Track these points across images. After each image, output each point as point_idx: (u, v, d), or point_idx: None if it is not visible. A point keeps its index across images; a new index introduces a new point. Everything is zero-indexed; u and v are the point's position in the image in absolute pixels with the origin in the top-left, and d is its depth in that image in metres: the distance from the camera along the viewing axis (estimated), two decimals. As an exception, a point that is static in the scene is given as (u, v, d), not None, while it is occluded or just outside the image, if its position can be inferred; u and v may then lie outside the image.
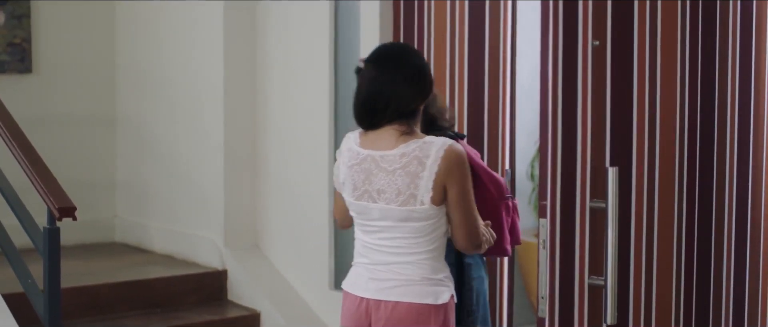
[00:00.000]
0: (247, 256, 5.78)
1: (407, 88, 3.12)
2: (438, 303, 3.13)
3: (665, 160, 2.90)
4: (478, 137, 4.29)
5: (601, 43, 2.76)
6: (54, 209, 4.09)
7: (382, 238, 3.18)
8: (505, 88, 4.24)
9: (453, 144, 3.10)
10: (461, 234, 3.13)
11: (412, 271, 3.14)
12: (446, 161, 3.06)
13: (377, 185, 3.13)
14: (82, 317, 5.17)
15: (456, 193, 3.09)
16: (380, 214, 3.14)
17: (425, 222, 3.11)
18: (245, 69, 5.76)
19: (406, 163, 3.09)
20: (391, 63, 3.17)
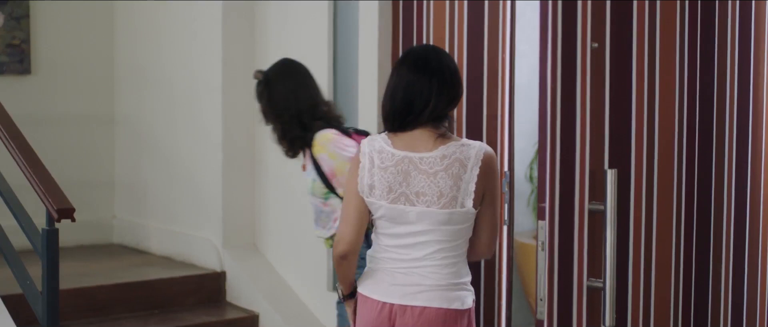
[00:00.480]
0: (246, 257, 5.78)
1: (444, 92, 3.08)
2: (464, 308, 3.12)
3: (664, 162, 2.89)
4: (476, 138, 4.29)
5: (600, 45, 2.76)
6: (53, 211, 4.08)
7: (413, 242, 3.11)
8: (504, 89, 4.23)
9: (488, 148, 3.10)
10: (488, 238, 3.14)
11: (438, 276, 3.11)
12: (486, 164, 3.06)
13: (416, 188, 3.07)
14: (81, 318, 5.17)
15: (492, 197, 3.10)
16: (418, 216, 3.08)
17: (462, 225, 3.10)
18: (244, 69, 5.76)
19: (448, 165, 3.05)
20: (429, 66, 3.11)
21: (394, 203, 3.08)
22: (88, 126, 6.56)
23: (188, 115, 6.04)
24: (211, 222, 5.86)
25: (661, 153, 2.89)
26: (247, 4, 5.73)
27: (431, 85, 3.07)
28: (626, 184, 2.83)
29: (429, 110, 3.06)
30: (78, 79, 6.49)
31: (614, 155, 2.80)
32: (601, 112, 2.78)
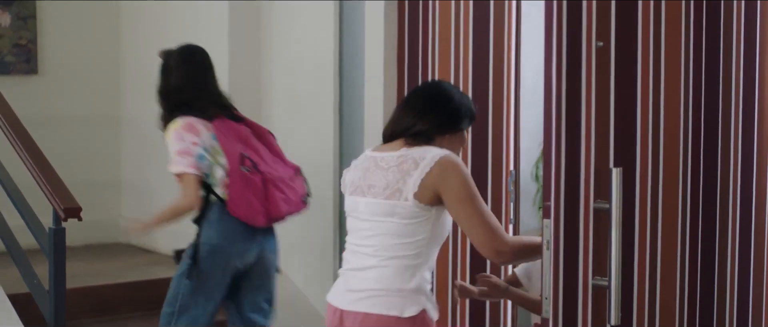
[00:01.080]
0: (252, 256, 5.78)
1: (419, 118, 3.21)
2: (403, 316, 3.11)
3: (669, 161, 2.90)
4: (482, 138, 4.30)
5: (605, 44, 2.77)
6: (59, 210, 4.10)
7: (364, 237, 3.19)
8: (510, 89, 4.24)
9: (451, 154, 3.14)
10: (475, 239, 3.12)
11: (384, 280, 3.14)
12: (440, 166, 3.10)
13: (370, 181, 3.18)
14: (87, 317, 5.18)
15: (453, 198, 3.09)
16: (366, 208, 3.17)
17: (408, 220, 3.11)
18: (250, 70, 5.77)
19: (402, 162, 3.14)
20: (411, 96, 3.32)
21: (351, 195, 3.23)
22: (94, 126, 6.58)
23: (194, 115, 6.04)
24: (217, 221, 5.86)
25: (666, 151, 2.89)
26: (253, 4, 5.74)
27: (411, 113, 3.23)
28: (631, 183, 2.84)
29: (402, 129, 3.23)
30: (84, 79, 6.51)
31: (619, 154, 2.80)
32: (607, 110, 2.78)
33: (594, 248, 2.79)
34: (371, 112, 4.73)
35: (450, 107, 3.25)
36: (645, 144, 2.86)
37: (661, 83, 2.87)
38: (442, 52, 4.41)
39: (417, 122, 3.21)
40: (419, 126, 3.20)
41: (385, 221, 3.14)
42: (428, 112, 3.22)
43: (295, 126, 5.55)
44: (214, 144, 4.16)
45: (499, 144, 4.27)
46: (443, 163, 3.11)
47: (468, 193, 3.10)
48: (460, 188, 3.09)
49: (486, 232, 3.09)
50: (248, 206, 4.13)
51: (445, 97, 3.26)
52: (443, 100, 3.25)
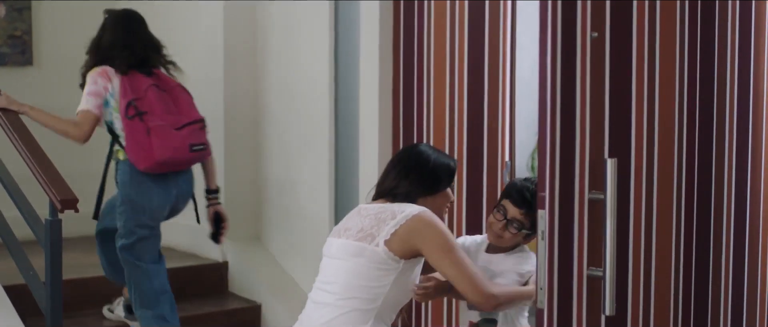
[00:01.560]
0: (248, 248, 5.80)
1: (400, 181, 3.37)
2: None
3: (664, 151, 2.90)
4: (478, 129, 4.30)
5: (600, 34, 2.77)
6: (56, 201, 4.10)
7: (328, 275, 3.27)
8: (505, 80, 4.25)
9: (425, 212, 3.25)
10: (463, 288, 3.21)
11: (335, 321, 3.19)
12: (416, 221, 3.20)
13: (347, 225, 3.30)
14: (84, 309, 5.19)
15: (433, 250, 3.19)
16: (337, 248, 3.27)
17: (374, 265, 3.18)
18: (246, 61, 5.77)
19: (381, 211, 3.25)
20: (392, 160, 3.52)
21: (330, 237, 3.35)
22: (90, 117, 6.56)
23: (190, 106, 6.04)
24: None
25: (661, 142, 2.90)
26: (249, 4, 5.76)
27: (392, 176, 3.40)
28: (626, 174, 2.84)
29: (386, 190, 3.38)
30: (80, 69, 6.50)
31: (614, 144, 2.81)
32: (601, 101, 2.78)
33: (589, 239, 2.80)
34: (367, 112, 4.75)
35: (426, 170, 3.39)
36: (640, 134, 2.86)
37: (656, 74, 2.88)
38: (437, 43, 4.41)
39: (398, 184, 3.35)
40: (401, 188, 3.35)
41: (350, 261, 3.21)
42: (407, 175, 3.36)
43: (291, 125, 5.55)
44: (117, 95, 4.67)
45: (494, 135, 4.27)
46: (419, 217, 3.21)
47: (448, 244, 3.21)
48: (439, 240, 3.20)
49: (473, 279, 3.19)
50: (134, 151, 4.63)
51: (422, 160, 3.41)
52: (420, 164, 3.39)
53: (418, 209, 3.25)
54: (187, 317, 5.28)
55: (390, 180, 3.39)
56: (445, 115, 4.40)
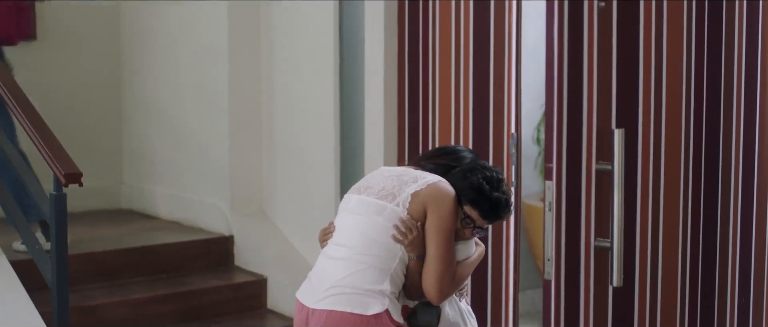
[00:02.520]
0: (254, 221, 5.80)
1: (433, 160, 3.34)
2: (367, 314, 3.12)
3: (671, 121, 2.89)
4: (483, 101, 4.29)
5: (607, 4, 2.75)
6: (60, 175, 4.09)
7: (346, 231, 3.23)
8: (511, 51, 4.22)
9: (446, 184, 3.19)
10: (428, 270, 3.15)
11: (351, 278, 3.16)
12: (434, 188, 3.16)
13: (369, 183, 3.26)
14: (89, 283, 5.20)
15: (433, 222, 3.15)
16: (357, 203, 3.23)
17: (390, 224, 3.15)
18: (250, 35, 5.75)
19: (403, 174, 3.22)
20: None
21: (350, 193, 3.31)
22: (94, 92, 6.56)
23: (195, 81, 6.04)
24: (218, 187, 5.88)
25: (668, 112, 2.88)
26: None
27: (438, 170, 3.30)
28: (634, 144, 2.83)
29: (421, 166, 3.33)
30: (84, 45, 6.49)
31: (621, 115, 2.79)
32: (609, 71, 2.77)
33: (596, 210, 2.79)
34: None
35: (476, 192, 3.21)
36: (647, 105, 2.85)
37: (663, 43, 2.86)
38: (442, 15, 4.39)
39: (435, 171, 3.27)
40: (426, 160, 3.33)
41: (369, 218, 3.19)
42: (445, 174, 3.27)
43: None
44: None
45: (500, 107, 4.25)
46: (441, 186, 3.17)
47: (447, 225, 3.15)
48: (444, 217, 3.15)
49: (443, 271, 3.13)
50: None
51: (477, 186, 3.23)
52: (476, 188, 3.23)
53: (438, 180, 3.21)
54: (193, 290, 5.28)
55: (430, 164, 3.31)
56: (450, 87, 4.38)
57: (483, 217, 3.26)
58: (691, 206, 2.98)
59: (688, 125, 2.93)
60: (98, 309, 4.98)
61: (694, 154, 2.96)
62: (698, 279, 3.03)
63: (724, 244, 3.05)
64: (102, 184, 6.49)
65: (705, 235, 3.03)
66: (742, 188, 3.06)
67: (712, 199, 3.02)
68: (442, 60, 4.42)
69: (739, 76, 3.01)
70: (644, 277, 2.92)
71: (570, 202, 2.79)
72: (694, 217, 2.99)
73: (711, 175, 3.01)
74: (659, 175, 2.90)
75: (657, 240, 2.93)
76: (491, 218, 3.26)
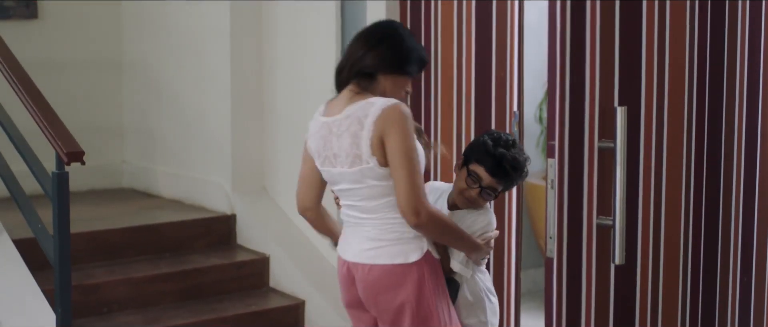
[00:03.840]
0: (256, 200, 5.80)
1: (367, 50, 3.22)
2: (409, 262, 3.17)
3: (674, 99, 2.87)
4: (485, 79, 4.28)
5: (610, -19, 2.74)
6: (62, 154, 4.09)
7: (350, 201, 3.25)
8: (513, 28, 4.21)
9: (396, 103, 3.13)
10: (400, 192, 3.11)
11: (381, 233, 3.20)
12: (384, 117, 3.10)
13: (333, 150, 3.21)
14: (92, 262, 5.21)
15: (391, 147, 3.10)
16: (340, 177, 3.22)
17: (379, 182, 3.16)
18: (252, 14, 5.74)
19: (349, 124, 3.16)
20: (362, 31, 3.32)
21: (323, 166, 3.27)
22: (96, 71, 6.55)
23: (196, 60, 6.03)
24: (220, 166, 5.88)
25: (671, 90, 2.87)
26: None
27: (357, 45, 3.25)
28: (636, 122, 2.82)
29: (348, 67, 3.23)
30: (85, 23, 6.48)
31: (624, 92, 2.78)
32: (611, 48, 2.76)
33: (598, 188, 2.79)
34: None
35: (401, 47, 3.24)
36: (650, 82, 2.83)
37: (667, 20, 2.84)
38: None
39: (364, 56, 3.21)
40: (367, 60, 3.20)
41: (360, 187, 3.19)
42: (377, 46, 3.22)
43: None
44: None
45: (502, 85, 4.25)
46: (384, 114, 3.11)
47: (406, 145, 3.10)
48: (398, 141, 3.09)
49: (412, 190, 3.09)
50: None
51: (397, 36, 3.26)
52: (394, 39, 3.25)
53: (384, 103, 3.13)
54: (195, 269, 5.29)
55: (358, 51, 3.23)
56: (452, 65, 4.37)
57: (489, 173, 3.27)
58: (694, 184, 2.97)
59: (691, 103, 2.92)
60: (100, 287, 4.99)
61: (696, 132, 2.95)
62: (700, 257, 3.02)
63: (726, 222, 3.05)
64: (104, 163, 6.49)
65: (707, 213, 3.02)
66: (745, 165, 3.05)
67: (715, 176, 3.01)
68: (445, 38, 4.41)
69: (743, 51, 2.99)
70: (646, 255, 2.92)
71: (572, 180, 2.79)
72: (696, 194, 2.98)
73: (713, 152, 3.00)
74: (662, 152, 2.89)
75: (659, 218, 2.93)
76: (497, 175, 3.28)
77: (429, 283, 3.19)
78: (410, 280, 3.17)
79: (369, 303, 3.27)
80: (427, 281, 3.19)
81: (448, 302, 3.27)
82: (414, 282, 3.17)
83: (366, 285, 3.24)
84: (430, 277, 3.20)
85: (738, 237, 3.09)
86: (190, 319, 4.98)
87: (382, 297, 3.21)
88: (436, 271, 3.23)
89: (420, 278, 3.18)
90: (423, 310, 3.18)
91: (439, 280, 3.24)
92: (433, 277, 3.21)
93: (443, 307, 3.23)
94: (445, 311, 3.23)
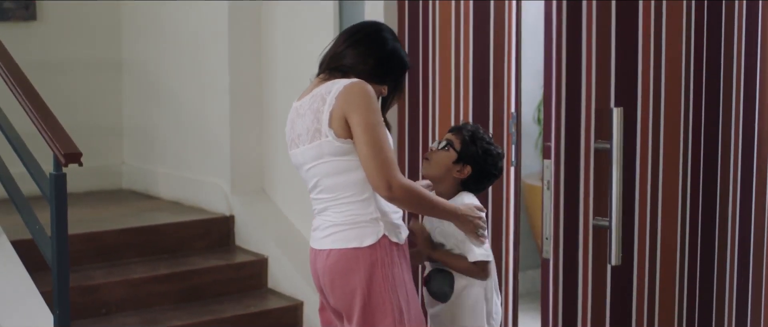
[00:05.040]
0: (254, 202, 5.80)
1: (346, 48, 3.24)
2: (363, 246, 3.15)
3: (671, 99, 2.88)
4: (483, 80, 4.28)
5: (606, -18, 2.74)
6: (60, 155, 4.09)
7: (312, 184, 3.25)
8: (511, 29, 4.21)
9: (360, 81, 3.13)
10: (369, 168, 3.09)
11: (338, 217, 3.19)
12: (346, 93, 3.10)
13: (297, 131, 3.22)
14: (90, 263, 5.21)
15: (356, 124, 3.08)
16: (301, 157, 3.22)
17: (337, 158, 3.14)
18: (251, 15, 5.74)
19: (312, 102, 3.17)
20: (348, 27, 3.36)
21: (290, 150, 3.27)
22: (95, 72, 6.55)
23: (195, 61, 6.03)
24: (219, 167, 5.88)
25: (667, 91, 2.87)
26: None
27: (340, 41, 3.28)
28: (632, 123, 2.82)
29: (329, 57, 3.27)
30: (84, 24, 6.48)
31: (621, 94, 2.78)
32: (608, 49, 2.76)
33: (595, 189, 2.79)
34: None
35: (382, 52, 3.25)
36: (646, 83, 2.84)
37: (663, 21, 2.84)
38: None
39: (344, 52, 3.24)
40: (347, 59, 3.23)
41: (318, 164, 3.18)
42: (356, 46, 3.24)
43: (296, 70, 5.52)
44: None
45: (500, 86, 4.24)
46: (348, 89, 3.11)
47: (371, 120, 3.08)
48: (363, 115, 3.08)
49: (383, 164, 3.07)
50: None
51: (380, 39, 3.27)
52: (377, 43, 3.26)
53: (347, 81, 3.13)
54: (194, 270, 5.29)
55: (337, 46, 3.26)
56: (450, 66, 4.37)
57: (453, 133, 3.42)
58: (690, 185, 2.98)
59: (687, 104, 2.92)
60: (99, 289, 4.99)
61: (693, 133, 2.95)
62: (697, 258, 3.03)
63: (723, 223, 3.05)
64: (102, 164, 6.49)
65: (704, 213, 3.02)
66: (742, 166, 3.05)
67: (711, 177, 3.01)
68: (442, 39, 4.40)
69: (739, 51, 2.99)
70: (643, 256, 2.92)
71: (569, 180, 2.79)
72: (693, 195, 2.99)
73: (710, 153, 3.00)
74: (658, 153, 2.89)
75: (656, 219, 2.93)
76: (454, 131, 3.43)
77: (383, 269, 3.14)
78: (363, 264, 3.14)
79: (327, 291, 3.24)
80: (381, 267, 3.15)
81: (408, 293, 3.20)
82: (366, 267, 3.14)
83: (324, 271, 3.23)
84: (385, 263, 3.15)
85: (734, 238, 3.08)
86: (189, 321, 4.98)
87: (338, 282, 3.19)
88: (393, 258, 3.18)
89: (373, 263, 3.14)
90: (374, 297, 3.14)
91: (396, 269, 3.17)
92: (389, 263, 3.16)
93: (400, 296, 3.16)
94: (402, 300, 3.17)
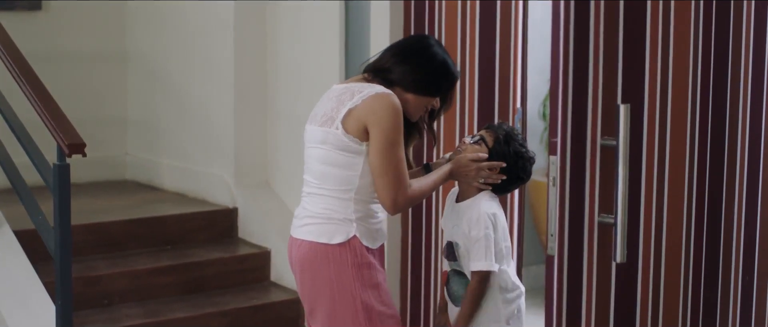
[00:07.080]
0: (258, 193, 5.79)
1: (394, 64, 3.23)
2: (332, 243, 3.16)
3: (677, 97, 2.86)
4: (489, 75, 4.26)
5: (614, -23, 2.72)
6: (63, 145, 4.08)
7: (307, 165, 3.27)
8: (517, 25, 4.20)
9: (390, 94, 3.13)
10: (379, 184, 3.12)
11: (315, 208, 3.21)
12: (373, 101, 3.10)
13: (318, 110, 3.25)
14: (93, 254, 5.21)
15: (375, 136, 3.09)
16: (310, 135, 3.24)
17: (338, 151, 3.14)
18: (256, 7, 5.73)
19: (342, 92, 3.18)
20: (394, 43, 3.39)
21: (307, 124, 3.31)
22: (99, 63, 6.55)
23: (200, 52, 6.02)
24: (223, 159, 5.87)
25: (674, 88, 2.86)
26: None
27: (388, 56, 3.28)
28: (639, 119, 2.80)
29: (375, 69, 3.26)
30: (89, 15, 6.47)
31: (627, 90, 2.77)
32: (615, 45, 2.74)
33: (600, 185, 2.78)
34: None
35: (429, 66, 3.25)
36: (653, 80, 2.82)
37: (671, 18, 2.83)
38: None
39: (391, 68, 3.23)
40: (394, 74, 3.22)
41: (319, 148, 3.19)
42: (404, 62, 3.23)
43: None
44: None
45: (506, 81, 4.23)
46: (379, 97, 3.11)
47: (392, 137, 3.10)
48: (384, 130, 3.09)
49: (393, 182, 3.11)
50: None
51: (429, 54, 3.26)
52: (426, 58, 3.25)
53: (381, 90, 3.14)
54: (197, 262, 5.29)
55: (384, 61, 3.26)
56: (456, 60, 4.36)
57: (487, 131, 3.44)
58: (696, 182, 2.96)
59: (694, 101, 2.91)
60: (101, 280, 4.99)
61: (700, 130, 2.94)
62: (702, 255, 3.01)
63: (728, 221, 3.04)
64: (106, 155, 6.49)
65: (709, 211, 3.01)
66: (748, 163, 3.04)
67: (718, 175, 3.00)
68: (448, 38, 4.39)
69: (747, 49, 2.98)
70: (648, 254, 2.91)
71: (574, 177, 2.78)
72: (699, 193, 2.97)
73: (716, 150, 2.99)
74: (664, 151, 2.88)
75: (661, 216, 2.92)
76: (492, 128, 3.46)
77: (353, 268, 3.16)
78: (332, 261, 3.16)
79: (297, 280, 3.28)
80: (353, 266, 3.16)
81: (382, 295, 3.21)
82: (335, 264, 3.16)
83: (295, 260, 3.25)
84: (356, 263, 3.17)
85: (740, 235, 3.08)
86: (191, 313, 4.98)
87: (307, 274, 3.21)
88: (366, 259, 3.19)
89: (342, 261, 3.16)
90: (341, 294, 3.16)
91: (367, 270, 3.19)
92: (359, 264, 3.17)
93: (371, 296, 3.18)
94: (374, 301, 3.18)
